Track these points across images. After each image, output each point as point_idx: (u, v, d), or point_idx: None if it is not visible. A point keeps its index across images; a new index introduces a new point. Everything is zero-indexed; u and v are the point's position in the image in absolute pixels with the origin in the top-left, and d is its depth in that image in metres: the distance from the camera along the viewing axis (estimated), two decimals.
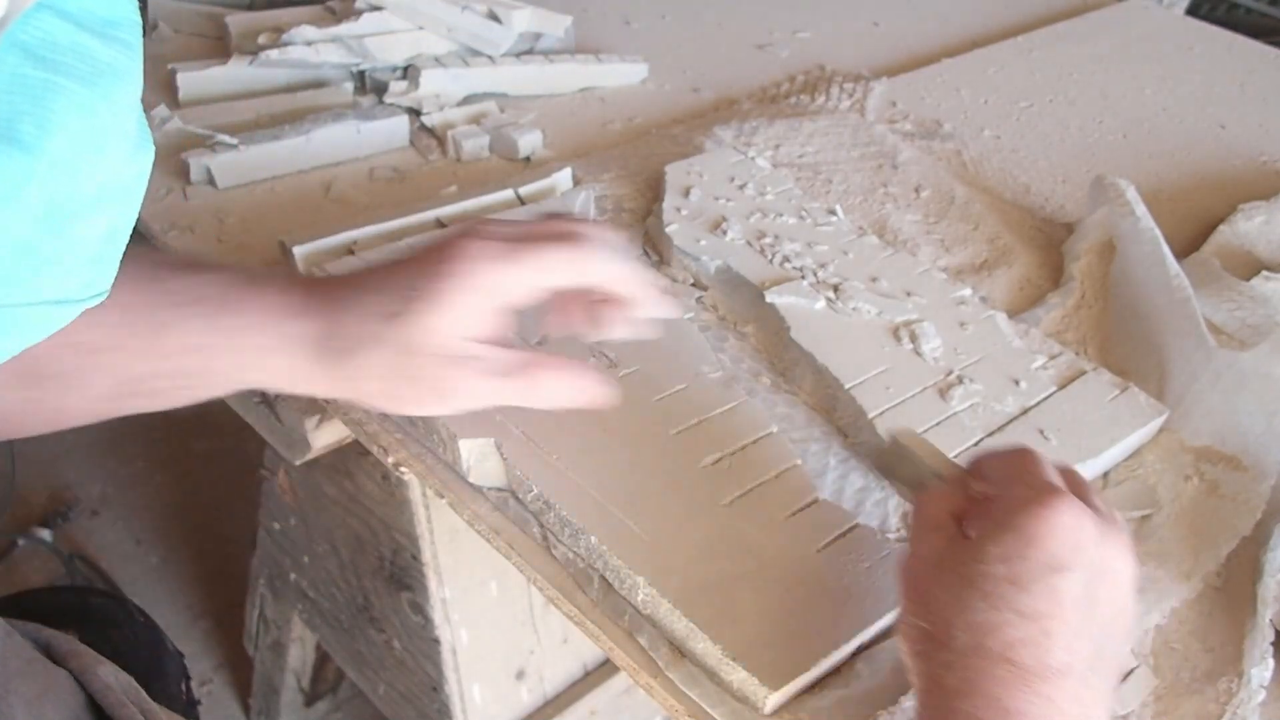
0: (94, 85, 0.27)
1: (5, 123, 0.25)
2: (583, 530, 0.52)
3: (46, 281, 0.29)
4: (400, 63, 0.94)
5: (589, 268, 0.50)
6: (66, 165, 0.27)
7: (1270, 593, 0.56)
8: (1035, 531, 0.42)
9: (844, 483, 0.60)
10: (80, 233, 0.29)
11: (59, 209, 0.28)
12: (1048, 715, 0.40)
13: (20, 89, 0.25)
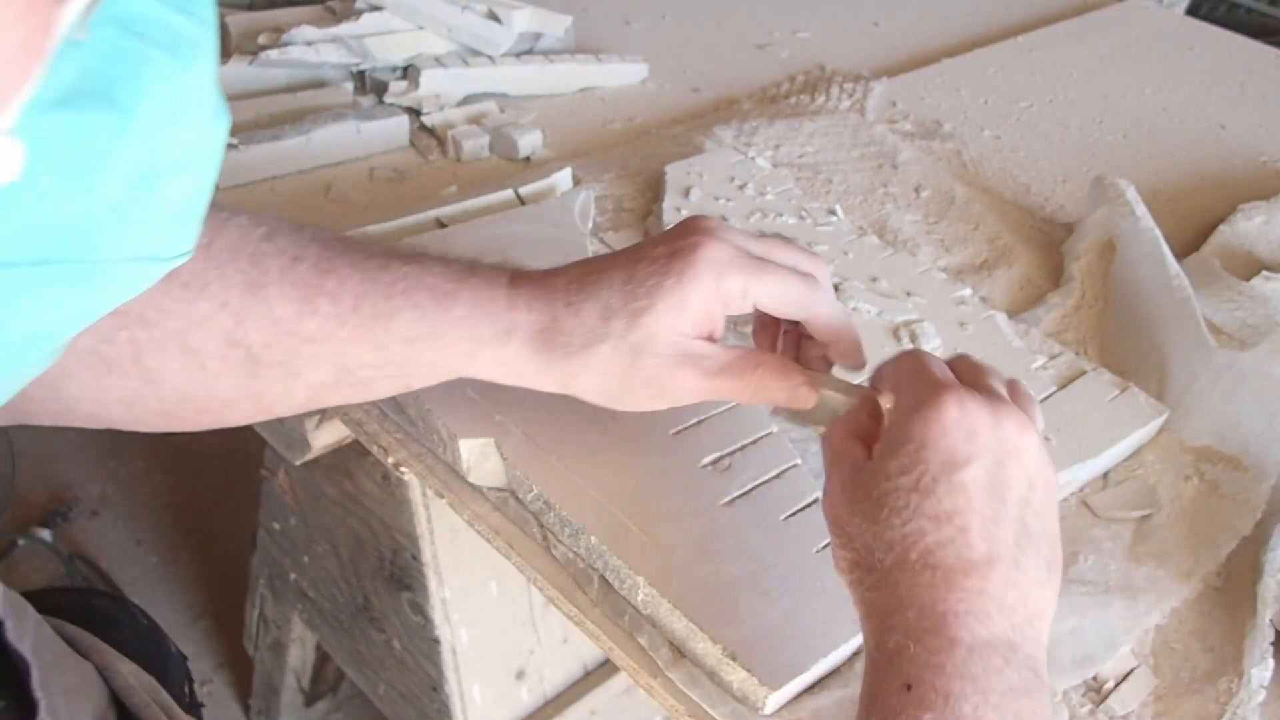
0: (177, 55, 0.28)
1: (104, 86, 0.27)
2: (583, 530, 0.52)
3: (136, 239, 0.31)
4: (400, 63, 0.94)
5: (817, 310, 0.51)
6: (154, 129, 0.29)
7: (1270, 593, 0.56)
8: (926, 434, 0.42)
9: None
10: (165, 193, 0.31)
11: (147, 169, 0.29)
12: (982, 608, 0.40)
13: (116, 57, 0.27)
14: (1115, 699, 0.52)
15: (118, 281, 0.32)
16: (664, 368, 0.49)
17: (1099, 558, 0.58)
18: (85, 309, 0.31)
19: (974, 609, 0.40)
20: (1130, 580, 0.57)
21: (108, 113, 0.27)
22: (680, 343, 0.49)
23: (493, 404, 0.58)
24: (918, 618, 0.40)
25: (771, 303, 0.50)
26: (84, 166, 0.28)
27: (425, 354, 0.49)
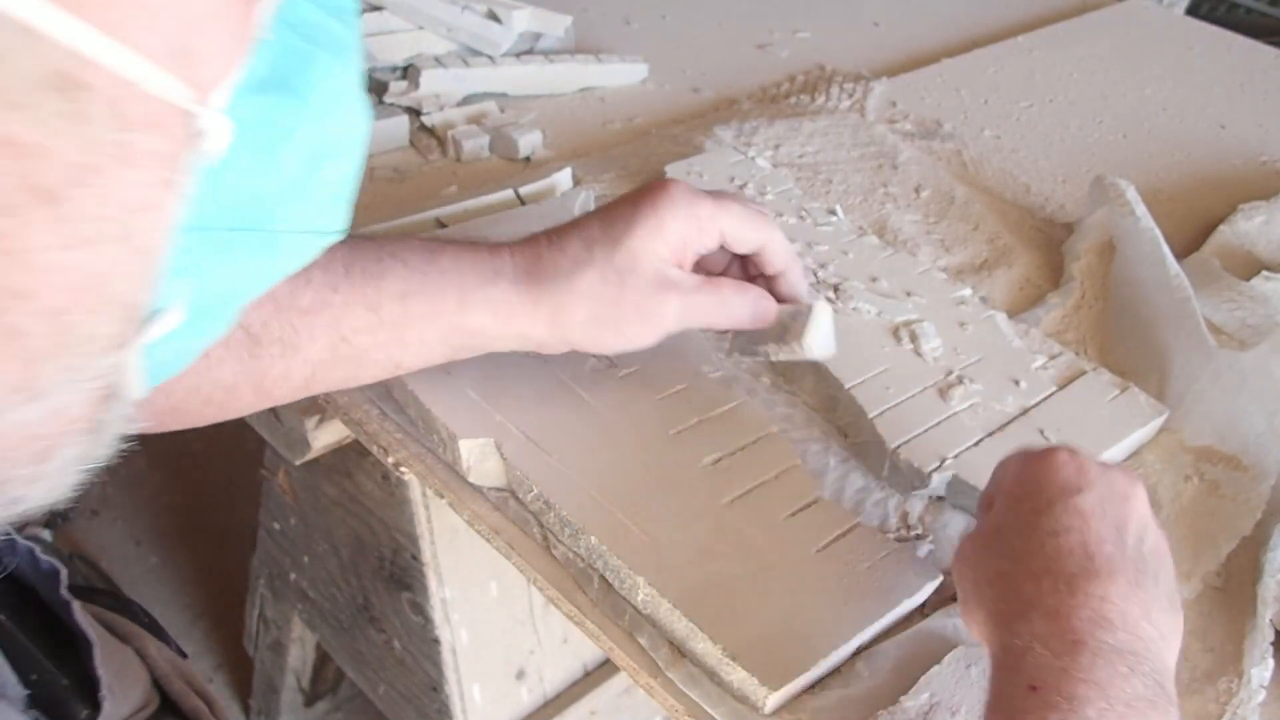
0: (336, 54, 0.33)
1: (286, 76, 0.31)
2: (583, 530, 0.52)
3: (307, 214, 0.35)
4: (400, 63, 0.94)
5: (774, 239, 0.56)
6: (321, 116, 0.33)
7: (1270, 593, 0.56)
8: (1041, 470, 0.47)
9: (844, 483, 0.60)
10: (328, 174, 0.35)
11: (316, 152, 0.34)
12: (1105, 614, 0.41)
13: (292, 53, 0.32)
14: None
15: (291, 251, 0.36)
16: (649, 289, 0.53)
17: None
18: (264, 275, 0.35)
19: (1097, 615, 0.41)
20: None
21: (290, 99, 0.32)
22: (660, 268, 0.53)
23: (493, 404, 0.58)
24: (1043, 621, 0.41)
25: (735, 229, 0.55)
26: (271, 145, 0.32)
27: (416, 308, 0.51)
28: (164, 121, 0.23)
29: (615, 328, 0.53)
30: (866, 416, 0.61)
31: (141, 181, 0.23)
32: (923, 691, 0.49)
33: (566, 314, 0.53)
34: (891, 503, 0.60)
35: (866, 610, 0.51)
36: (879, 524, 0.58)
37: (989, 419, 0.62)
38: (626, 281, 0.53)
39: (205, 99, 0.24)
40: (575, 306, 0.53)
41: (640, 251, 0.53)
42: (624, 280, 0.53)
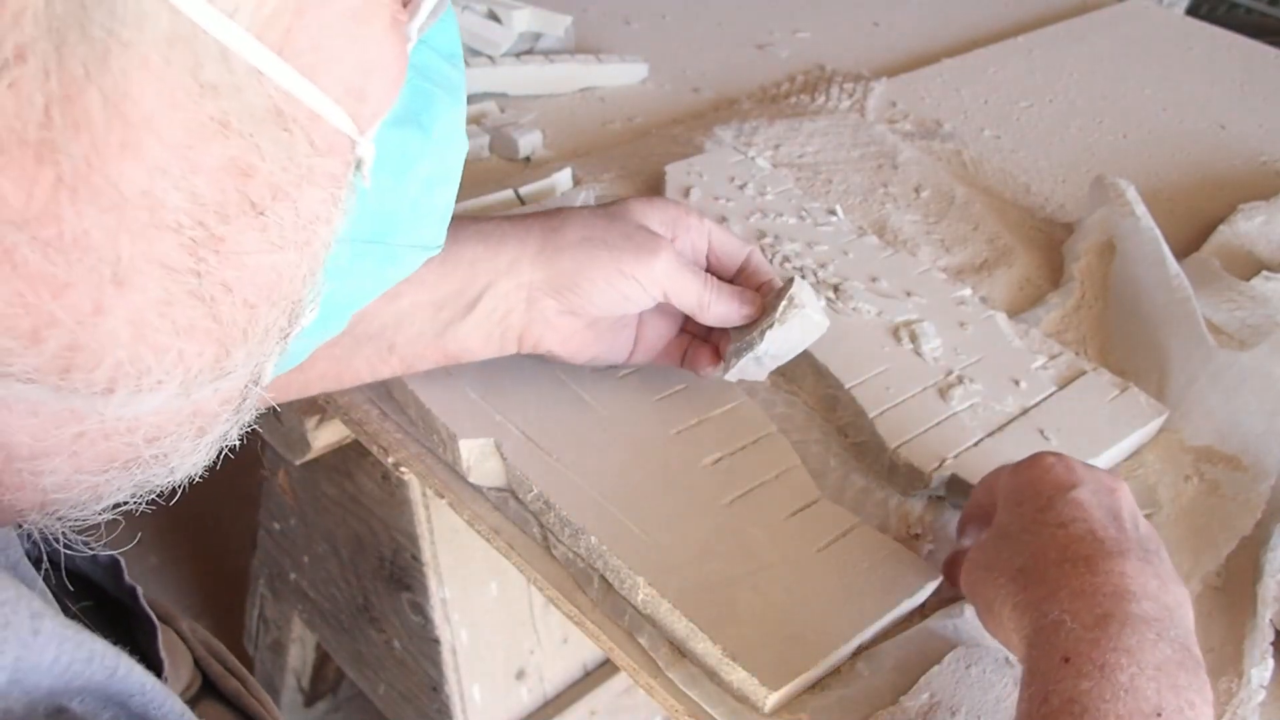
0: (451, 94, 0.37)
1: (415, 113, 0.36)
2: (583, 530, 0.52)
3: (420, 230, 0.40)
4: None
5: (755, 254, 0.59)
6: (440, 147, 0.38)
7: (1270, 593, 0.56)
8: (1032, 474, 0.49)
9: (844, 483, 0.60)
10: (439, 196, 0.40)
11: (433, 176, 0.38)
12: (1126, 588, 0.42)
13: (419, 93, 0.36)
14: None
15: (404, 262, 0.40)
16: (640, 231, 0.54)
17: None
18: (380, 282, 0.40)
19: (1119, 588, 0.42)
20: None
21: (418, 132, 0.36)
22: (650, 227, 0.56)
23: (493, 404, 0.58)
24: (1070, 598, 0.43)
25: (720, 233, 0.58)
26: (401, 170, 0.36)
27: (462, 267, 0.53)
28: (338, 148, 0.28)
29: (608, 250, 0.53)
30: (866, 416, 0.61)
31: (320, 198, 0.28)
32: (923, 691, 0.49)
33: (558, 235, 0.53)
34: (891, 503, 0.60)
35: (866, 610, 0.51)
36: (879, 524, 0.58)
37: (989, 419, 0.62)
38: (618, 218, 0.55)
39: (365, 131, 0.28)
40: (567, 228, 0.54)
41: (632, 209, 0.56)
42: (615, 217, 0.55)
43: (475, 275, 0.53)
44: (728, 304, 0.56)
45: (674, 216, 0.57)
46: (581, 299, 0.53)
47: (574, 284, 0.53)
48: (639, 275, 0.53)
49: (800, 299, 0.55)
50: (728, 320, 0.56)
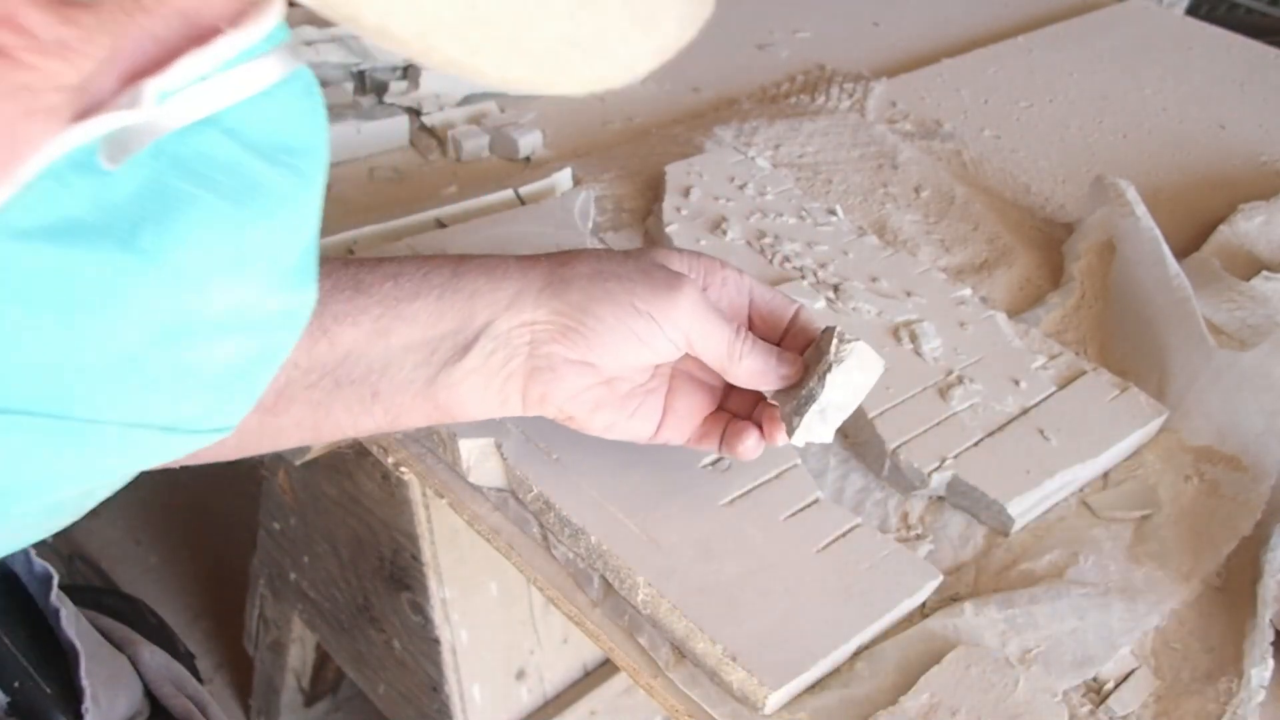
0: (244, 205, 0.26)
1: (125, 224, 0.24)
2: (583, 530, 0.52)
3: (156, 403, 0.28)
4: (400, 63, 0.94)
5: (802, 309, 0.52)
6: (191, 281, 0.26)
7: (1270, 593, 0.56)
8: None
9: (844, 483, 0.60)
10: (199, 356, 0.28)
11: (176, 326, 0.26)
12: None
13: (154, 196, 0.25)
14: (1115, 700, 0.52)
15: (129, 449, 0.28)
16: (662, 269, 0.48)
17: (1099, 558, 0.58)
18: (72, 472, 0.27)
19: None
20: (1130, 581, 0.57)
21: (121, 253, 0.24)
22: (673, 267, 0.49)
23: None
24: None
25: (763, 289, 0.52)
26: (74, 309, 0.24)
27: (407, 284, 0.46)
28: None
29: (621, 283, 0.46)
30: (866, 416, 0.61)
31: None
32: (923, 691, 0.49)
33: (567, 269, 0.47)
34: (891, 503, 0.60)
35: (866, 610, 0.51)
36: (879, 524, 0.58)
37: (989, 419, 0.62)
38: (635, 256, 0.49)
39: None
40: (578, 262, 0.47)
41: (654, 252, 0.50)
42: (632, 255, 0.49)
43: (474, 311, 0.46)
44: (764, 359, 0.49)
45: (707, 266, 0.50)
46: (590, 341, 0.46)
47: (581, 321, 0.46)
48: (656, 313, 0.46)
49: (849, 335, 0.49)
50: (762, 379, 0.49)
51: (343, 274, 0.45)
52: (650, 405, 0.50)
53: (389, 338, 0.45)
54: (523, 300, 0.46)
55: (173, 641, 0.76)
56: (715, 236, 0.74)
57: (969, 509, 0.59)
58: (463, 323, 0.46)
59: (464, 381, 0.47)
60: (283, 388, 0.44)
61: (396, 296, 0.45)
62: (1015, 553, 0.58)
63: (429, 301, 0.45)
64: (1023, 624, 0.53)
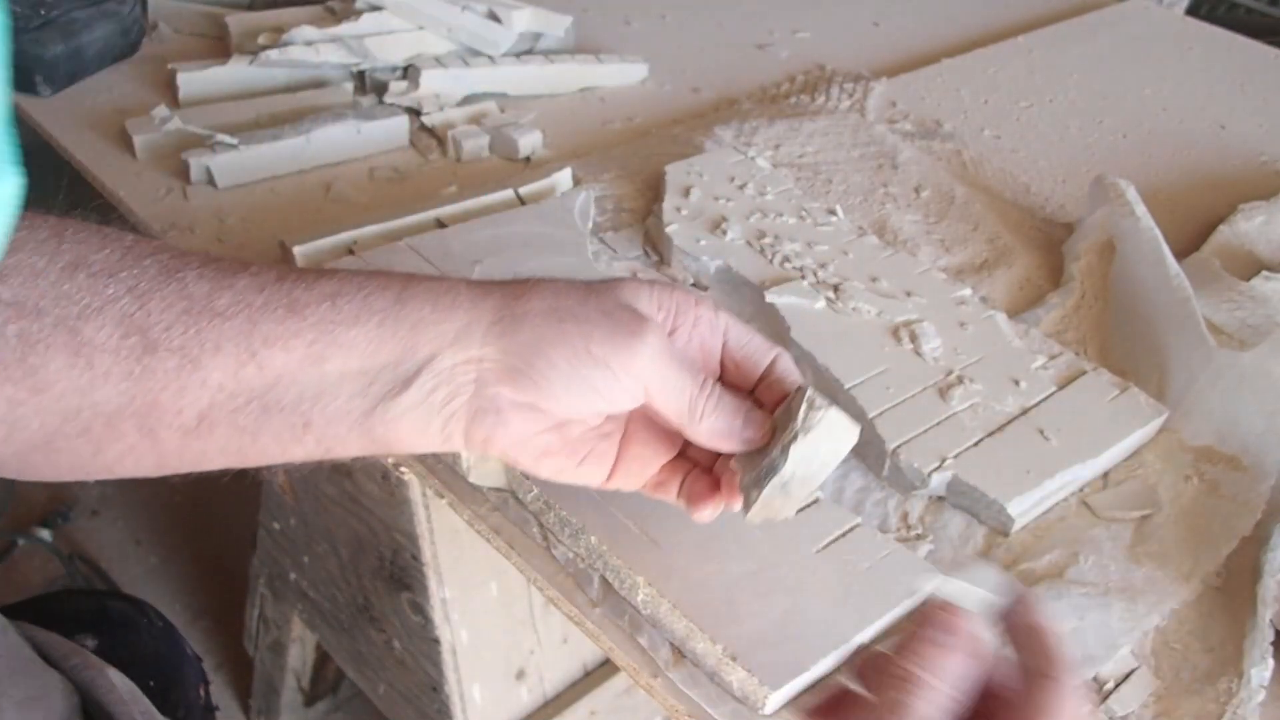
0: None
1: None
2: (583, 530, 0.52)
3: None
4: (400, 63, 0.94)
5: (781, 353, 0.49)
6: None
7: (1270, 593, 0.56)
8: None
9: (844, 483, 0.60)
10: None
11: None
12: None
13: None
14: (1115, 700, 0.52)
15: None
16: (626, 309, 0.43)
17: (1099, 558, 0.58)
18: None
19: None
20: (1130, 581, 0.57)
21: None
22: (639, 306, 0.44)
23: None
24: None
25: (740, 330, 0.48)
26: None
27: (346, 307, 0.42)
28: None
29: (578, 325, 0.42)
30: (866, 416, 0.61)
31: None
32: None
33: (521, 303, 0.43)
34: (891, 503, 0.60)
35: (866, 610, 0.51)
36: (879, 524, 0.58)
37: (989, 419, 0.62)
38: (598, 293, 0.44)
39: None
40: (534, 296, 0.43)
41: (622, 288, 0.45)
42: (595, 292, 0.44)
43: (416, 343, 0.43)
44: (728, 418, 0.44)
45: (679, 304, 0.46)
46: (539, 386, 0.43)
47: (530, 363, 0.42)
48: (613, 361, 0.42)
49: (820, 401, 0.44)
50: (724, 440, 0.45)
51: (276, 289, 0.42)
52: (602, 451, 0.47)
53: (324, 365, 0.42)
54: (470, 335, 0.43)
55: (180, 644, 0.76)
56: (715, 236, 0.74)
57: (969, 509, 0.59)
58: (404, 354, 0.43)
59: (403, 417, 0.43)
60: (206, 410, 0.41)
61: (334, 320, 0.42)
62: (1015, 553, 0.58)
63: (369, 329, 0.42)
64: None
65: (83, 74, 0.92)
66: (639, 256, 0.75)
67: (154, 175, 0.82)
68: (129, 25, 0.95)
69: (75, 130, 0.86)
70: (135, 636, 0.73)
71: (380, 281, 0.43)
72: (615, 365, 0.42)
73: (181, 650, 0.76)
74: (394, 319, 0.42)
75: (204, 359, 0.41)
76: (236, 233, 0.77)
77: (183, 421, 0.41)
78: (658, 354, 0.43)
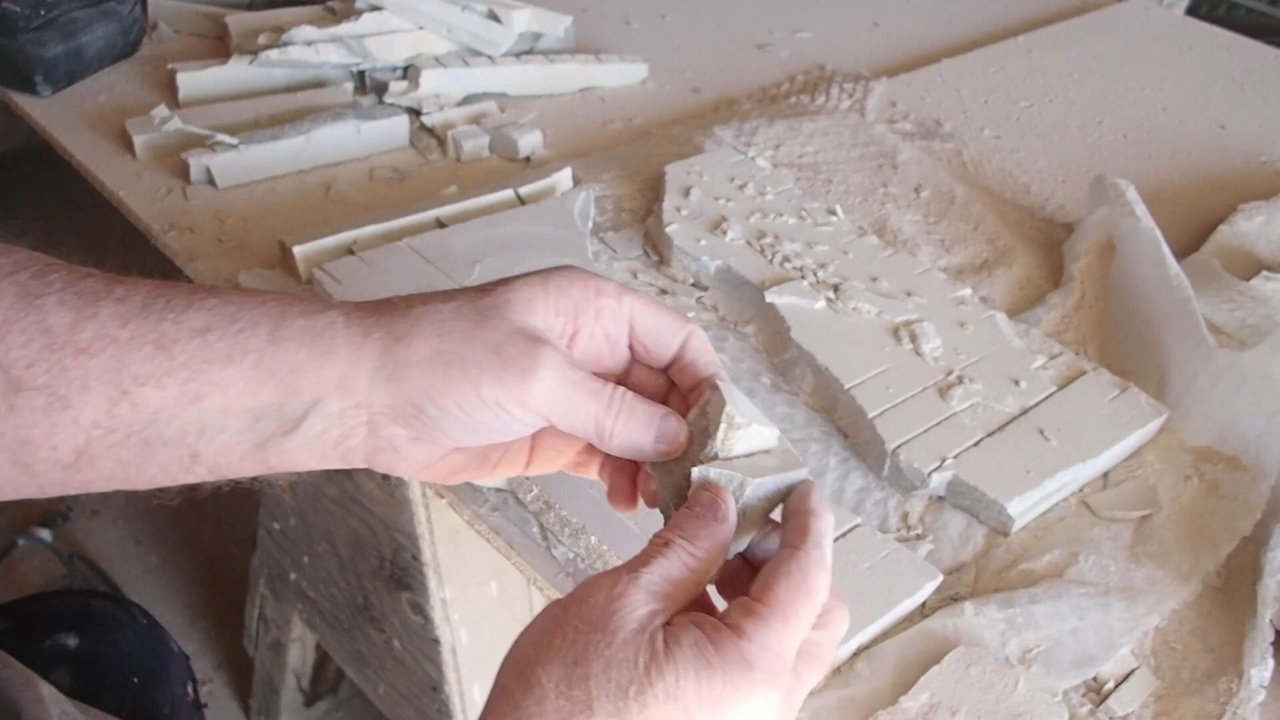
0: None
1: None
2: (583, 530, 0.52)
3: None
4: (400, 63, 0.94)
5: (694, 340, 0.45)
6: None
7: (1270, 593, 0.56)
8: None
9: (844, 483, 0.60)
10: None
11: None
12: None
13: None
14: (1115, 700, 0.52)
15: None
16: (515, 336, 0.41)
17: (1099, 558, 0.58)
18: None
19: None
20: (1130, 581, 0.57)
21: None
22: (536, 324, 0.42)
23: None
24: None
25: (648, 313, 0.44)
26: None
27: (219, 345, 0.40)
28: None
29: (465, 370, 0.40)
30: (866, 416, 0.61)
31: None
32: (923, 691, 0.49)
33: (403, 347, 0.40)
34: (891, 503, 0.60)
35: (866, 610, 0.51)
36: (879, 524, 0.58)
37: (989, 419, 0.62)
38: (488, 320, 0.41)
39: None
40: (417, 338, 0.41)
41: (515, 299, 0.42)
42: (485, 318, 0.41)
43: (297, 389, 0.41)
44: (637, 435, 0.42)
45: (577, 301, 0.43)
46: (433, 430, 0.41)
47: (421, 410, 0.41)
48: (506, 401, 0.40)
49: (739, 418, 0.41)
50: (638, 455, 0.43)
51: (142, 322, 0.40)
52: (516, 450, 0.45)
53: (202, 402, 0.40)
54: (353, 382, 0.41)
55: (165, 642, 0.76)
56: (715, 236, 0.74)
57: (969, 509, 0.59)
58: (286, 397, 0.41)
59: (296, 452, 0.42)
60: (83, 446, 0.40)
61: (206, 359, 0.40)
62: (1015, 553, 0.58)
63: (244, 369, 0.40)
64: (1023, 624, 0.53)
65: (83, 74, 0.92)
66: (639, 256, 0.75)
67: (154, 175, 0.82)
68: (129, 25, 0.95)
69: (75, 130, 0.86)
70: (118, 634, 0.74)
71: (252, 314, 0.41)
72: (509, 405, 0.40)
73: (166, 647, 0.76)
74: (270, 360, 0.40)
75: (73, 397, 0.39)
76: (236, 233, 0.77)
77: (59, 457, 0.40)
78: (553, 387, 0.41)
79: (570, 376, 0.41)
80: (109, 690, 0.70)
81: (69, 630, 0.71)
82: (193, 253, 0.74)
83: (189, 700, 0.75)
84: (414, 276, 0.67)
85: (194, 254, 0.74)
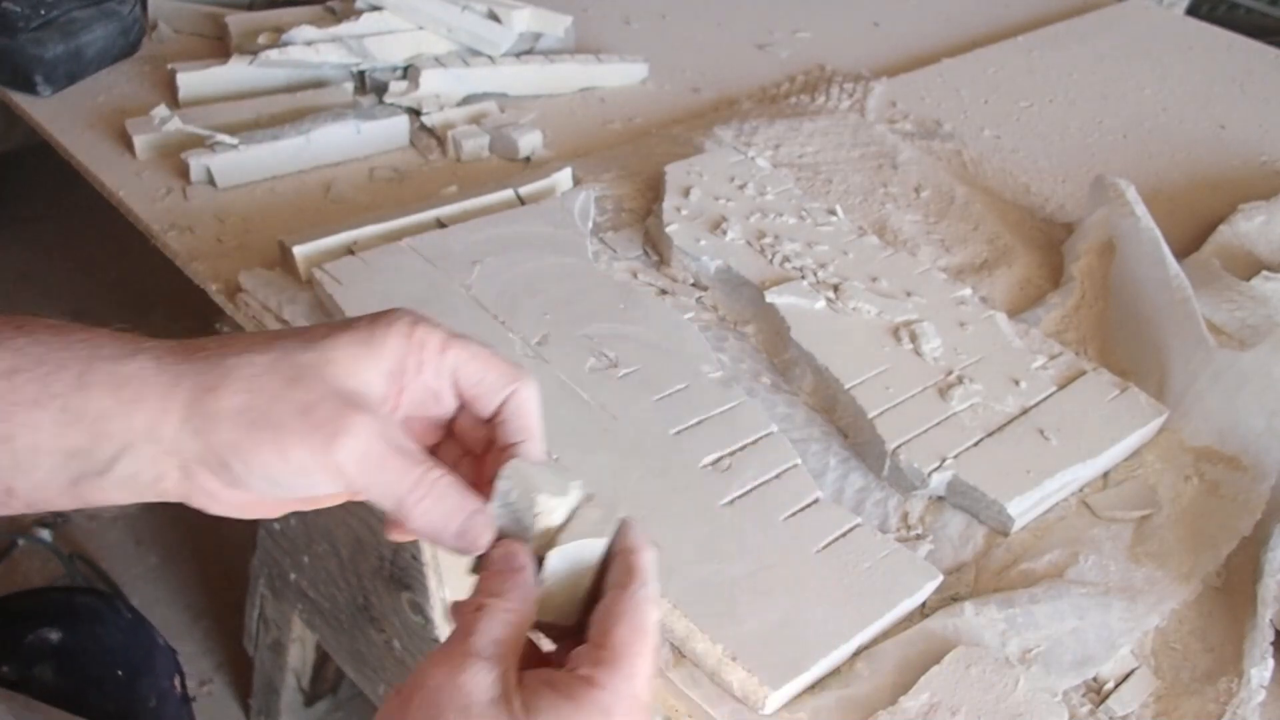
0: None
1: None
2: None
3: None
4: (400, 63, 0.94)
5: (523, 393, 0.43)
6: None
7: (1270, 593, 0.56)
8: None
9: (844, 483, 0.60)
10: None
11: None
12: None
13: None
14: (1115, 700, 0.52)
15: None
16: (330, 397, 0.40)
17: (1099, 558, 0.58)
18: None
19: None
20: (1130, 581, 0.57)
21: None
22: (356, 385, 0.41)
23: None
24: None
25: (473, 368, 0.43)
26: None
27: (26, 388, 0.39)
28: None
29: (273, 430, 0.39)
30: (866, 416, 0.61)
31: None
32: (923, 691, 0.49)
33: (213, 399, 0.39)
34: (891, 503, 0.60)
35: (866, 610, 0.51)
36: (879, 524, 0.58)
37: (989, 419, 0.62)
38: (303, 378, 0.40)
39: None
40: (227, 391, 0.39)
41: (336, 357, 0.40)
42: (300, 376, 0.40)
43: (106, 433, 0.40)
44: (442, 520, 0.40)
45: (400, 356, 0.41)
46: (243, 483, 0.40)
47: (229, 464, 0.40)
48: (310, 466, 0.39)
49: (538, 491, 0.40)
50: (437, 542, 0.41)
51: None
52: None
53: (14, 441, 0.39)
54: (161, 430, 0.40)
55: (149, 635, 0.76)
56: (715, 236, 0.74)
57: (969, 509, 0.59)
58: (95, 441, 0.40)
59: (112, 491, 0.41)
60: None
61: (14, 401, 0.39)
62: (1015, 553, 0.58)
63: (51, 413, 0.39)
64: (1023, 624, 0.53)
65: (83, 74, 0.92)
66: (639, 256, 0.75)
67: (154, 175, 0.82)
68: (129, 25, 0.95)
69: (75, 130, 0.86)
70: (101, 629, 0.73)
71: (59, 357, 0.40)
72: (313, 469, 0.39)
73: (152, 641, 0.76)
74: (77, 405, 0.39)
75: None
76: (236, 233, 0.77)
77: None
78: (361, 456, 0.39)
79: (378, 449, 0.40)
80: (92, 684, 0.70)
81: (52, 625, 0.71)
82: (193, 253, 0.74)
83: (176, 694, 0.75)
84: (414, 276, 0.67)
85: (194, 254, 0.74)
